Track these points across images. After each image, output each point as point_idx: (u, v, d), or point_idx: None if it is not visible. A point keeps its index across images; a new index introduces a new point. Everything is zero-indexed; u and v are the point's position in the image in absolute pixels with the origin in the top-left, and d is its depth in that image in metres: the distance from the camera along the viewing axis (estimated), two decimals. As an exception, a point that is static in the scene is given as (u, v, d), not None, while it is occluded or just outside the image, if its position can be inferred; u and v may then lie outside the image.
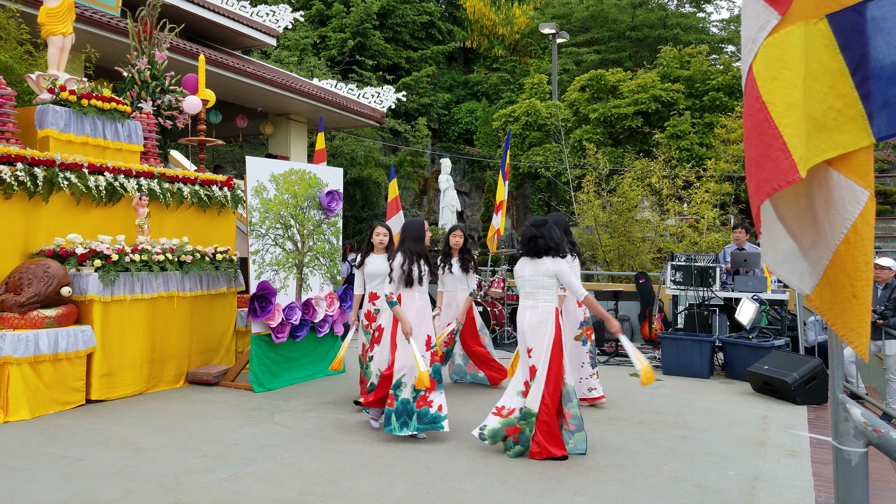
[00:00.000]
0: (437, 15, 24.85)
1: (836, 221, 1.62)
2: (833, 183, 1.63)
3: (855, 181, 1.60)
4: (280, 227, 6.80)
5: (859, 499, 1.58)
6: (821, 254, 1.66)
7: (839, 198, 1.62)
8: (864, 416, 1.64)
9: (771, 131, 1.58)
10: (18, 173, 5.85)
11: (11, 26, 7.92)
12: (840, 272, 1.62)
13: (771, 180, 1.58)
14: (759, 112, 1.60)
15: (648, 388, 7.13)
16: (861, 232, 1.59)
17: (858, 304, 1.59)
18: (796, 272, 1.76)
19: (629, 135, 15.87)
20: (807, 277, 1.73)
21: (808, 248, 1.71)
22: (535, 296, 4.81)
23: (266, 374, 6.61)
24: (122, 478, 4.13)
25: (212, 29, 14.28)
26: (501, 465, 4.52)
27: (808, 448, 5.07)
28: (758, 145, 1.61)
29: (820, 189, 1.65)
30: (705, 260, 8.60)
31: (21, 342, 5.35)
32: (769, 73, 1.60)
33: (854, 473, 1.61)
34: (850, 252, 1.60)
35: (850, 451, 1.64)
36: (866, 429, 1.62)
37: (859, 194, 1.60)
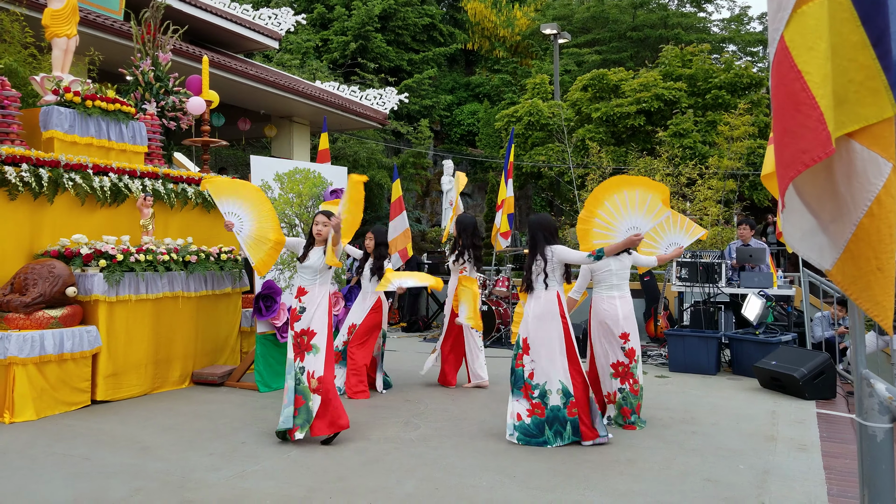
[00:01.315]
0: (438, 17, 24.87)
1: (858, 194, 1.60)
2: (855, 155, 1.60)
3: (878, 153, 1.58)
4: (285, 226, 6.78)
5: (885, 475, 1.56)
6: (842, 228, 1.64)
7: (862, 170, 1.60)
8: (888, 390, 1.61)
9: (809, 101, 1.55)
10: (23, 174, 5.85)
11: (16, 29, 7.93)
12: (864, 245, 1.60)
13: (810, 151, 1.56)
14: (794, 82, 1.57)
15: (655, 384, 7.12)
16: (885, 204, 1.58)
17: (884, 276, 1.57)
18: (815, 248, 1.74)
19: (632, 133, 15.84)
20: (827, 252, 1.70)
21: (828, 223, 1.68)
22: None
23: (271, 373, 6.59)
24: (129, 477, 4.11)
25: (214, 32, 14.29)
26: (511, 461, 4.49)
27: (818, 442, 5.04)
28: (795, 116, 1.58)
29: (841, 162, 1.63)
30: (710, 256, 8.56)
31: (26, 342, 5.34)
32: (805, 41, 1.57)
33: (879, 449, 1.58)
34: (874, 224, 1.58)
35: (875, 427, 1.62)
36: (891, 403, 1.59)
37: (883, 166, 1.58)
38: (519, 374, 4.95)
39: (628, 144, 15.57)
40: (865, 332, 7.61)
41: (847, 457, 4.71)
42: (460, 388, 6.83)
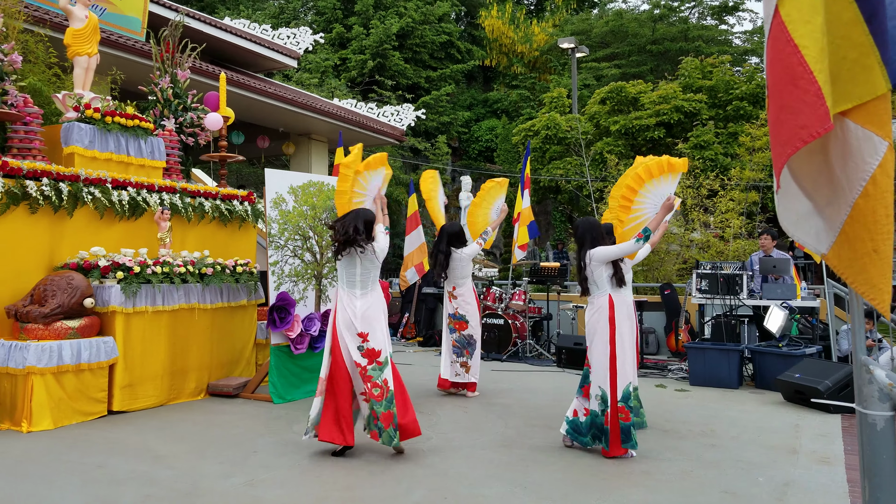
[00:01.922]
0: (456, 35, 25.07)
1: (853, 174, 1.55)
2: (850, 134, 1.56)
3: (874, 131, 1.53)
4: (299, 238, 6.82)
5: (886, 464, 1.50)
6: (837, 210, 1.59)
7: (857, 149, 1.55)
8: (889, 377, 1.55)
9: (807, 76, 1.51)
10: (44, 188, 5.95)
11: (40, 50, 8.10)
12: (859, 227, 1.55)
13: (808, 127, 1.51)
14: (791, 56, 1.54)
15: (674, 398, 7.01)
16: (881, 184, 1.53)
17: (880, 258, 1.52)
18: (811, 232, 1.69)
19: (651, 146, 15.76)
20: (823, 236, 1.66)
21: (824, 206, 1.64)
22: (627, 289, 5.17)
23: (285, 385, 6.59)
24: (140, 484, 4.11)
25: (235, 52, 14.53)
26: (522, 471, 4.43)
27: (842, 455, 4.91)
28: (792, 91, 1.54)
29: (836, 142, 1.59)
30: (731, 267, 8.44)
31: (45, 353, 5.40)
32: (801, 15, 1.54)
33: (880, 438, 1.52)
34: (869, 205, 1.53)
35: (875, 415, 1.56)
36: (892, 391, 1.53)
37: (878, 145, 1.54)
38: (585, 374, 4.96)
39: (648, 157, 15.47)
40: (874, 351, 7.43)
41: None
42: (474, 400, 6.76)
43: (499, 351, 9.77)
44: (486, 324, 9.91)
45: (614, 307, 4.82)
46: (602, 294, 4.86)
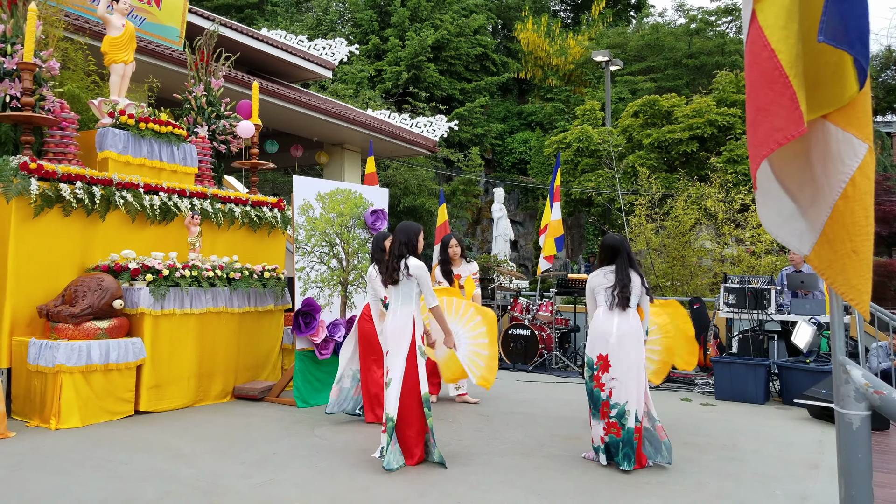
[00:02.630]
0: (491, 47, 25.19)
1: (833, 176, 1.55)
2: (830, 137, 1.57)
3: (853, 134, 1.53)
4: (325, 245, 6.92)
5: (861, 465, 1.48)
6: (819, 211, 1.59)
7: (837, 152, 1.56)
8: (865, 377, 1.54)
9: (782, 80, 1.53)
10: (77, 191, 6.14)
11: (79, 58, 8.37)
12: (839, 228, 1.55)
13: (783, 129, 1.53)
14: (767, 60, 1.55)
15: (698, 411, 6.92)
16: (860, 186, 1.53)
17: (859, 259, 1.51)
18: (795, 233, 1.69)
19: (685, 160, 15.62)
20: (805, 237, 1.66)
21: (807, 207, 1.64)
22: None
23: (310, 389, 6.67)
24: (161, 481, 4.21)
25: (271, 63, 14.81)
26: (537, 479, 4.42)
27: (865, 472, 4.80)
28: (768, 94, 1.56)
29: (817, 144, 1.59)
30: (759, 282, 8.32)
31: (74, 352, 5.56)
32: (777, 21, 1.55)
33: (855, 438, 1.51)
34: (848, 207, 1.53)
35: (851, 415, 1.54)
36: (867, 391, 1.52)
37: (858, 147, 1.54)
38: (597, 396, 4.83)
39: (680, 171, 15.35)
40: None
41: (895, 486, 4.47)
42: (496, 409, 6.75)
43: (525, 362, 9.75)
44: (512, 334, 9.90)
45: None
46: (634, 308, 4.92)
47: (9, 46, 6.38)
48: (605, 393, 4.77)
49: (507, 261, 13.92)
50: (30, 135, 6.23)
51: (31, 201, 5.91)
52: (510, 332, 9.94)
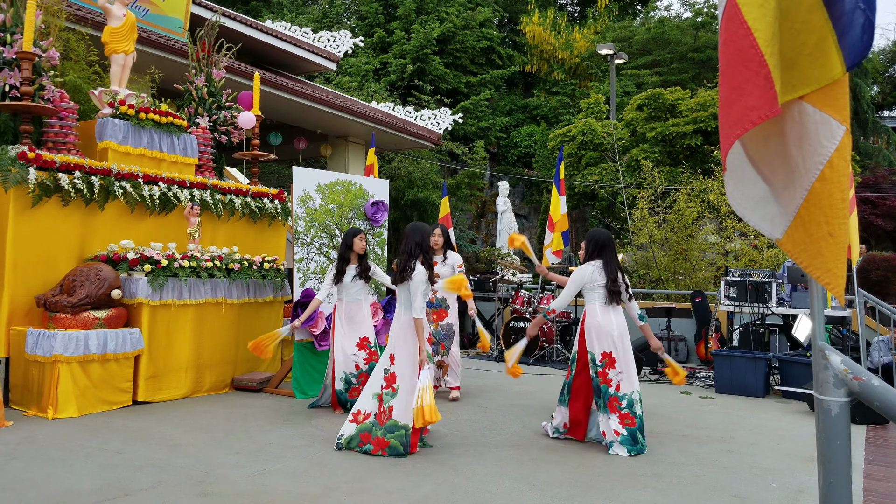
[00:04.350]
0: (497, 40, 25.05)
1: (810, 157, 1.52)
2: (808, 118, 1.53)
3: (831, 115, 1.50)
4: (325, 236, 6.90)
5: (839, 452, 1.45)
6: (793, 194, 1.56)
7: (814, 133, 1.53)
8: (844, 363, 1.51)
9: (757, 59, 1.49)
10: (76, 181, 6.14)
11: (81, 48, 8.37)
12: (815, 210, 1.52)
13: (757, 109, 1.49)
14: (743, 39, 1.52)
15: (698, 404, 6.89)
16: (838, 168, 1.50)
17: (835, 242, 1.48)
18: (767, 217, 1.66)
19: (689, 154, 15.53)
20: (778, 221, 1.62)
21: (781, 190, 1.61)
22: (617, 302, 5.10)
23: (308, 380, 6.67)
24: (155, 470, 4.21)
25: (275, 55, 14.77)
26: (533, 469, 4.41)
27: (862, 464, 4.77)
28: (743, 72, 1.53)
29: (793, 125, 1.56)
30: (760, 275, 8.27)
31: (71, 341, 5.56)
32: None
33: (834, 425, 1.48)
34: (826, 189, 1.50)
35: (830, 401, 1.51)
36: (846, 377, 1.49)
37: (835, 129, 1.51)
38: (604, 391, 4.96)
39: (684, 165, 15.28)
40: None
41: (891, 480, 4.44)
42: (495, 401, 6.74)
43: (525, 354, 9.71)
44: (514, 327, 9.88)
45: None
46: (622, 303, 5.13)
47: (8, 36, 6.37)
48: (613, 387, 4.94)
49: (511, 254, 13.89)
50: (29, 124, 6.22)
51: (30, 191, 5.90)
52: (511, 325, 9.92)
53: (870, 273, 11.90)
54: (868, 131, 20.92)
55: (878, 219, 16.85)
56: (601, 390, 4.97)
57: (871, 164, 19.02)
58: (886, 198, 16.91)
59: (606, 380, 4.95)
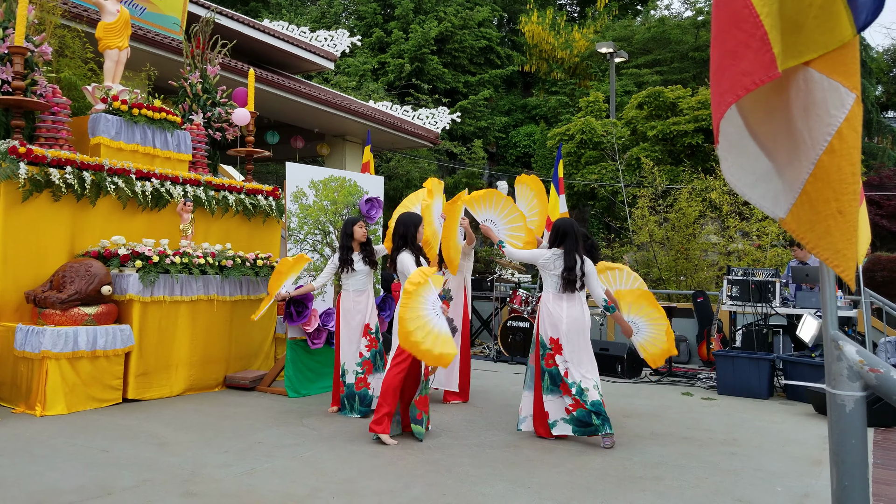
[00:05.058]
0: (496, 40, 24.97)
1: (817, 128, 1.39)
2: (815, 85, 1.41)
3: (840, 82, 1.38)
4: (319, 233, 6.79)
5: (855, 451, 1.33)
6: (798, 168, 1.43)
7: (822, 101, 1.40)
8: (859, 353, 1.39)
9: (752, 19, 1.37)
10: (67, 176, 6.04)
11: (76, 45, 8.27)
12: (823, 186, 1.39)
13: (751, 73, 1.37)
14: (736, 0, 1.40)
15: (699, 405, 6.78)
16: (847, 139, 1.38)
17: (845, 220, 1.36)
18: (770, 195, 1.53)
19: (690, 153, 15.42)
20: (781, 199, 1.49)
21: (785, 166, 1.48)
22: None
23: (301, 379, 6.56)
24: (140, 469, 4.10)
25: (273, 54, 14.67)
26: (527, 471, 4.29)
27: (870, 468, 4.64)
28: (735, 35, 1.40)
29: (798, 94, 1.43)
30: (764, 274, 8.15)
31: (60, 338, 5.45)
32: None
33: (848, 422, 1.35)
34: (834, 162, 1.37)
35: (844, 396, 1.39)
36: (862, 368, 1.37)
37: (845, 96, 1.38)
38: (555, 373, 5.04)
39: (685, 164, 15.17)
40: None
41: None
42: (492, 401, 6.63)
43: (524, 354, 9.61)
44: (512, 327, 9.77)
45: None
46: (583, 293, 5.18)
47: (0, 31, 6.27)
48: (562, 372, 5.03)
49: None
50: (21, 119, 6.12)
51: (20, 185, 5.81)
52: (509, 325, 9.81)
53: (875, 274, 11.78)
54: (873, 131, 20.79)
55: (882, 220, 16.69)
56: (550, 373, 5.06)
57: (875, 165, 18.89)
58: (891, 198, 16.78)
59: (555, 362, 5.04)
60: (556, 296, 5.10)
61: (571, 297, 5.09)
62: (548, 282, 5.18)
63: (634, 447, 4.97)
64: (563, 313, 5.05)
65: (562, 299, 5.09)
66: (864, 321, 7.71)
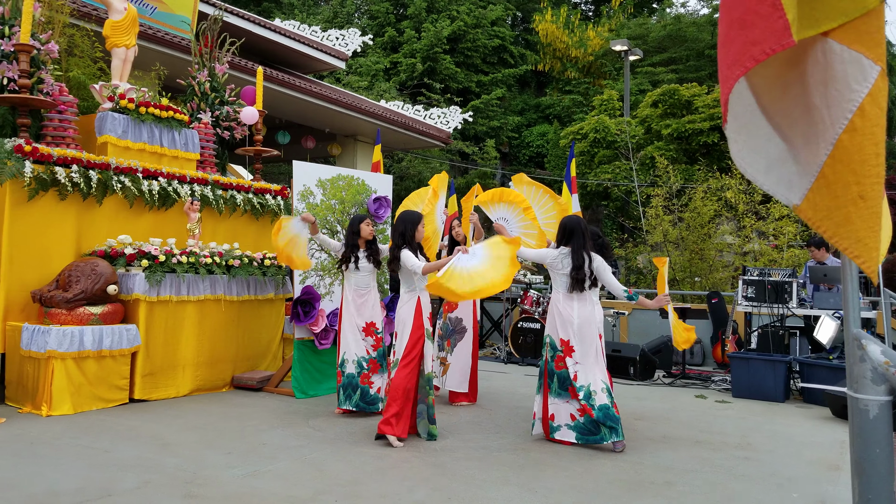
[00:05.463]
0: (509, 39, 24.83)
1: (836, 105, 1.26)
2: (834, 58, 1.27)
3: (863, 53, 1.25)
4: (326, 232, 6.72)
5: (879, 461, 1.22)
6: (815, 150, 1.29)
7: (842, 74, 1.26)
8: (885, 354, 1.28)
9: None
10: (73, 175, 6.00)
11: (85, 44, 8.26)
12: (843, 168, 1.25)
13: (762, 42, 1.23)
14: None
15: (713, 409, 6.64)
16: (871, 115, 1.24)
17: (867, 206, 1.23)
18: (784, 180, 1.39)
19: (706, 151, 15.22)
20: (796, 183, 1.36)
21: (801, 147, 1.35)
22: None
23: (309, 380, 6.49)
24: (142, 470, 4.04)
25: (284, 53, 14.64)
26: (535, 475, 4.19)
27: (888, 473, 4.50)
28: (744, 2, 1.28)
29: (816, 68, 1.30)
30: (780, 274, 7.98)
31: (66, 337, 5.42)
32: None
33: (872, 429, 1.24)
34: (855, 141, 1.24)
35: (868, 400, 1.28)
36: (888, 370, 1.26)
37: (868, 69, 1.25)
38: (563, 376, 4.92)
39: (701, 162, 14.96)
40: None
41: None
42: (501, 403, 6.52)
43: (535, 356, 9.50)
44: (522, 328, 9.66)
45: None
46: (595, 292, 5.04)
47: (6, 28, 6.25)
48: (571, 375, 4.89)
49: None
50: (27, 117, 6.10)
51: (26, 184, 5.78)
52: (520, 326, 9.70)
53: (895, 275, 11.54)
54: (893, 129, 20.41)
55: (900, 219, 16.32)
56: (558, 375, 4.94)
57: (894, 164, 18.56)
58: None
59: (564, 365, 4.92)
60: (567, 296, 4.99)
61: (582, 296, 4.97)
62: (557, 282, 5.08)
63: (646, 451, 4.85)
64: (573, 313, 4.95)
65: (572, 299, 4.98)
66: (884, 323, 7.53)
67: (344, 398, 5.64)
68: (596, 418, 4.77)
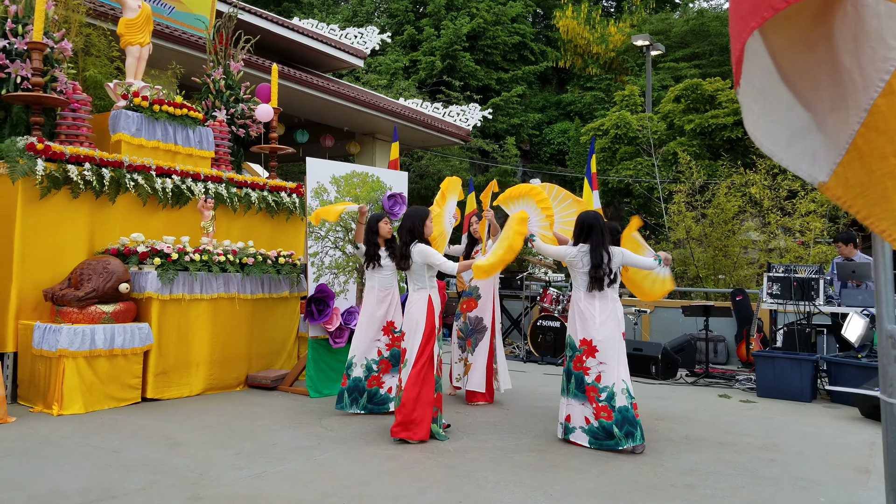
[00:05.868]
0: (529, 36, 24.62)
1: (870, 65, 1.10)
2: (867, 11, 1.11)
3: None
4: (340, 229, 6.63)
5: None
6: (845, 117, 1.12)
7: (877, 30, 1.10)
8: None
9: None
10: (86, 173, 5.97)
11: (102, 44, 8.26)
12: (880, 136, 1.09)
13: None
14: None
15: (737, 409, 6.44)
16: None
17: None
18: (807, 153, 1.22)
19: (729, 147, 14.92)
20: (821, 157, 1.18)
21: (828, 113, 1.18)
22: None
23: (323, 379, 6.40)
24: (149, 470, 3.97)
25: (303, 52, 14.62)
26: (550, 478, 4.06)
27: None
28: None
29: (845, 23, 1.13)
30: (807, 271, 7.74)
31: (77, 336, 5.38)
32: None
33: None
34: (893, 107, 1.09)
35: None
36: None
37: None
38: (580, 378, 4.79)
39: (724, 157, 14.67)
40: None
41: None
42: (518, 402, 6.39)
43: (554, 354, 9.35)
44: (542, 326, 9.51)
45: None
46: (615, 290, 4.90)
47: (20, 27, 6.24)
48: (592, 377, 4.75)
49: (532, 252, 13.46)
50: (40, 115, 6.09)
51: (38, 182, 5.76)
52: (539, 324, 9.55)
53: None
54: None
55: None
56: (576, 376, 4.82)
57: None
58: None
59: (583, 367, 4.78)
60: (588, 295, 4.85)
61: (603, 295, 4.82)
62: (577, 280, 4.93)
63: (666, 452, 4.69)
64: (595, 312, 4.80)
65: (593, 298, 4.83)
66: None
67: (349, 402, 5.57)
68: (613, 421, 4.62)
